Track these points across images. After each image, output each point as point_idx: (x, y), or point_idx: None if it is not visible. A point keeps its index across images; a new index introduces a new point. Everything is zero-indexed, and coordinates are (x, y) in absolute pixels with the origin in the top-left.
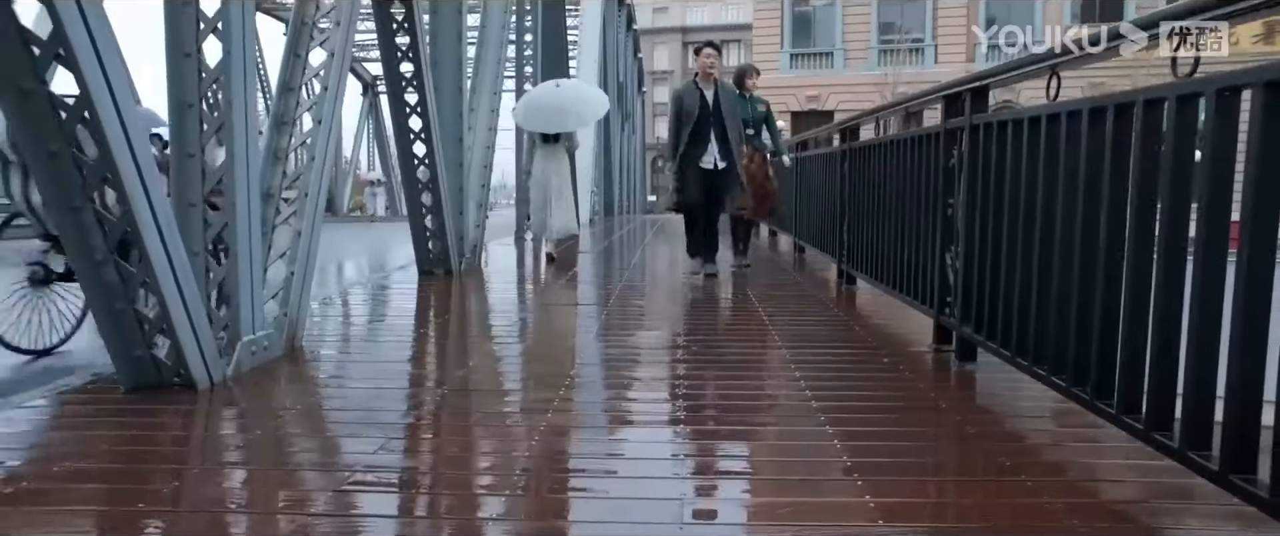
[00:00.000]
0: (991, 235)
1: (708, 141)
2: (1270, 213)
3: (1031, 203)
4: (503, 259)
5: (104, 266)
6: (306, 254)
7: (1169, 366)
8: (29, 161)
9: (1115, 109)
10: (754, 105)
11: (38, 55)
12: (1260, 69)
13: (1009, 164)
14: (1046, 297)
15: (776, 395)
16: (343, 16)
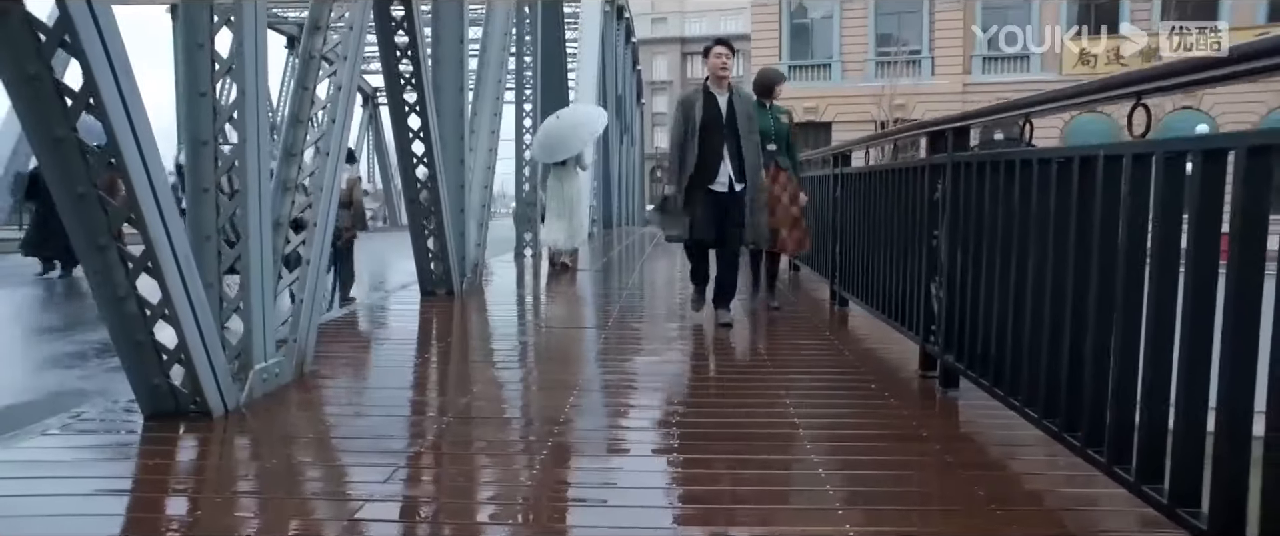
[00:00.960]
0: (971, 269)
1: (721, 159)
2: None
3: (1007, 240)
4: (503, 277)
5: (126, 301)
6: (314, 282)
7: (1128, 406)
8: (57, 204)
9: (1080, 161)
10: (775, 117)
11: (70, 105)
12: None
13: (987, 202)
14: (1021, 332)
15: (767, 423)
16: (350, 51)
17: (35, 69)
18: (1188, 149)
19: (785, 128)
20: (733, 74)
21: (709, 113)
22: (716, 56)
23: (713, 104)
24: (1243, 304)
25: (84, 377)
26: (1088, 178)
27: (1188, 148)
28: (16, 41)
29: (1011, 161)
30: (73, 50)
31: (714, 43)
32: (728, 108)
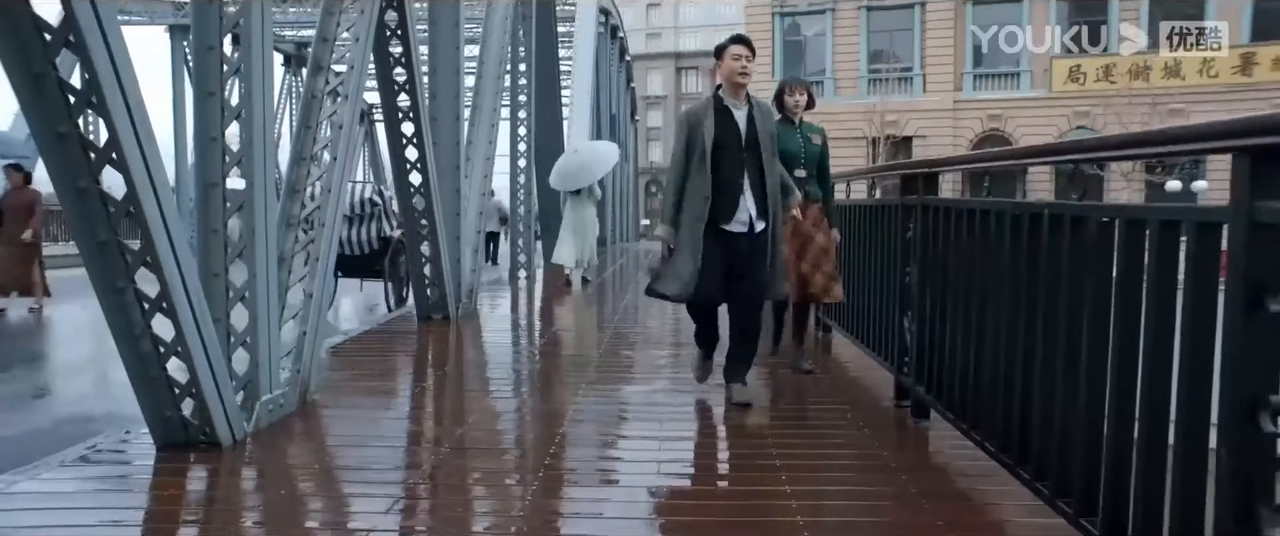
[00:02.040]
0: (939, 306)
1: (739, 191)
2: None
3: (970, 282)
4: (499, 301)
5: (142, 339)
6: (317, 314)
7: (1068, 444)
8: (81, 250)
9: (1030, 217)
10: (806, 136)
11: (93, 159)
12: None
13: (952, 245)
14: (981, 369)
15: (745, 454)
16: (350, 90)
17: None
18: (1113, 217)
19: (818, 150)
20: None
21: (723, 131)
22: (734, 57)
23: (728, 119)
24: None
25: None
26: (1036, 232)
27: (1113, 215)
28: (23, 40)
29: (973, 210)
30: (77, 50)
31: (730, 41)
32: (748, 124)
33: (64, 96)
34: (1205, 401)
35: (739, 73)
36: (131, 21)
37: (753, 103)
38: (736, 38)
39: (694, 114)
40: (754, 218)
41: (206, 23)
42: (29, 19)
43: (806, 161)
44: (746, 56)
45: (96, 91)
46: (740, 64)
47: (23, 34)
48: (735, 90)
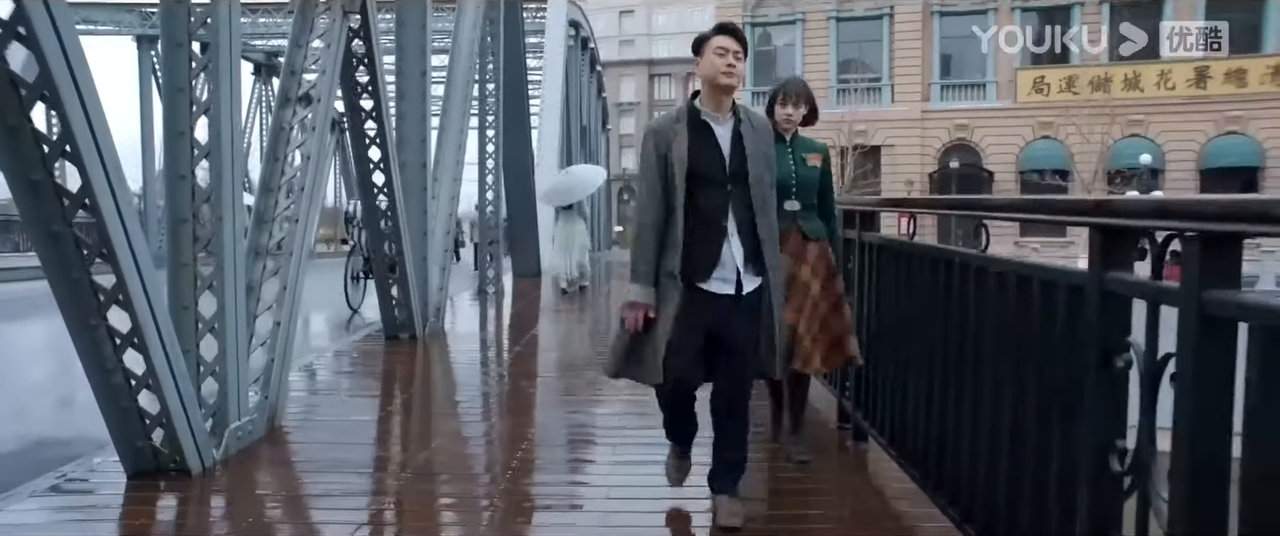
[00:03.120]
0: (875, 335)
1: (723, 237)
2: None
3: (898, 315)
4: (465, 319)
5: (113, 373)
6: (285, 341)
7: (974, 473)
8: (53, 288)
9: (945, 263)
10: (800, 157)
11: (67, 204)
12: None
13: (886, 279)
14: (907, 397)
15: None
16: (318, 122)
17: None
18: (1008, 270)
19: (816, 175)
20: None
21: (701, 153)
22: (719, 52)
23: (707, 138)
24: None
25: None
26: (950, 276)
27: (1007, 269)
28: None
29: (899, 250)
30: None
31: (714, 32)
32: (734, 144)
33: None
34: (1072, 442)
35: (724, 72)
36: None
37: (741, 114)
38: (723, 27)
39: (661, 130)
40: (743, 273)
41: (175, 21)
42: (52, 188)
43: (800, 190)
44: (735, 52)
45: (69, 141)
46: (726, 61)
47: (47, 201)
48: (718, 97)
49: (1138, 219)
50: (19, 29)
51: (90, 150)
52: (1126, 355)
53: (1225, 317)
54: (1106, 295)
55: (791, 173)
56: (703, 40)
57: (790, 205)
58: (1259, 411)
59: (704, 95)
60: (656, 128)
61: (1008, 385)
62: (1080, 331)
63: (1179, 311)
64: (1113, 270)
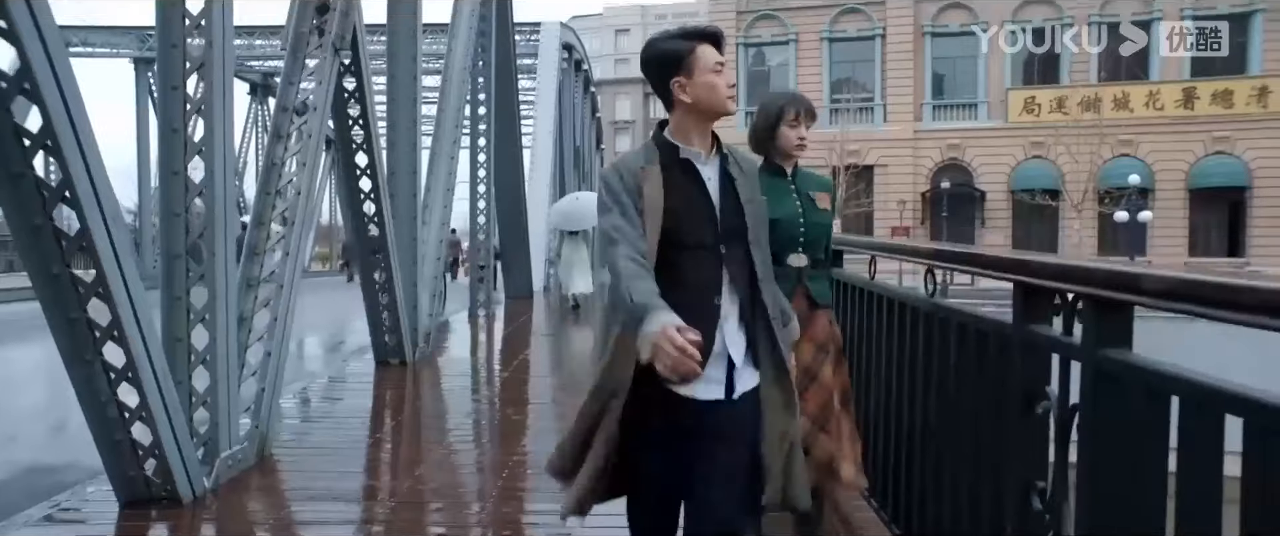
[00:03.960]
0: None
1: (714, 317)
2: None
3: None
4: (456, 343)
5: (107, 406)
6: (276, 371)
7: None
8: (51, 325)
9: (898, 304)
10: (806, 196)
11: (65, 246)
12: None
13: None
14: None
15: None
16: (309, 158)
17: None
18: (949, 318)
19: (829, 221)
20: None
21: (684, 205)
22: (716, 70)
23: (690, 184)
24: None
25: None
26: (903, 317)
27: (949, 316)
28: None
29: (859, 289)
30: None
31: (697, 39)
32: (723, 191)
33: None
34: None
35: (730, 96)
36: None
37: (725, 150)
38: (707, 33)
39: (626, 173)
40: (737, 367)
41: (172, 67)
42: (52, 232)
43: (808, 241)
44: (720, 66)
45: (69, 187)
46: (724, 80)
47: (44, 244)
48: (705, 128)
49: (1047, 279)
50: (24, 84)
51: (88, 197)
52: (1046, 402)
53: (1117, 374)
54: (1026, 346)
55: (799, 217)
56: (683, 54)
57: (795, 260)
58: (1149, 461)
59: (684, 125)
60: (620, 168)
61: (950, 422)
62: (1008, 378)
63: (1081, 366)
64: (1032, 323)
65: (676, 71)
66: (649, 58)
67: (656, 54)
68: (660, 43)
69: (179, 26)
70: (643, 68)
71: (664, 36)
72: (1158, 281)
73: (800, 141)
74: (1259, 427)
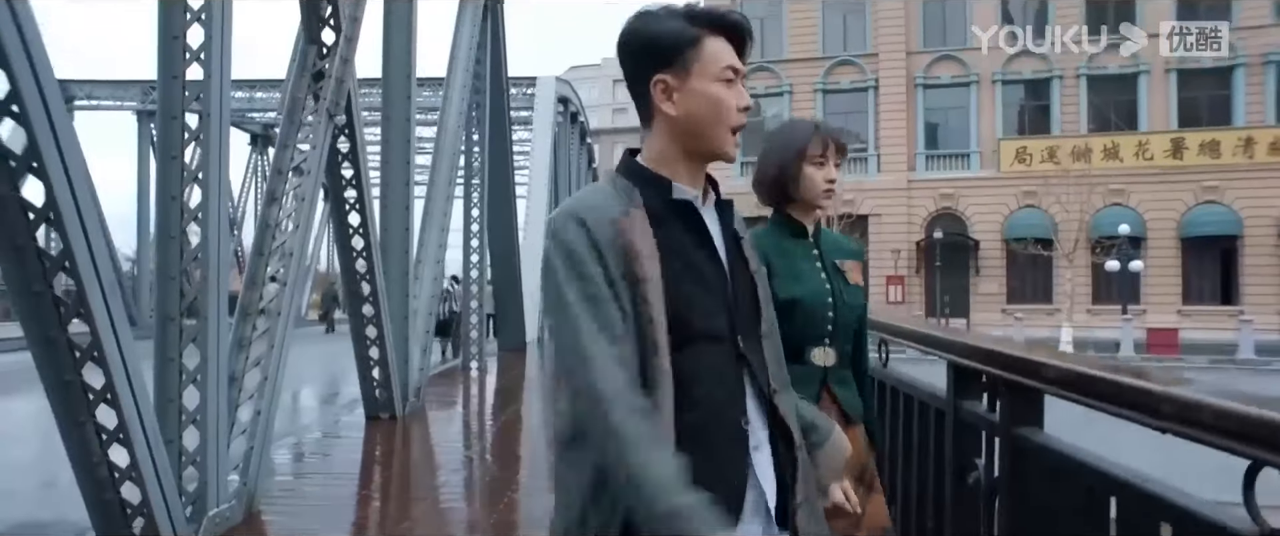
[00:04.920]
0: None
1: (743, 444)
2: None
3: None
4: (448, 396)
5: (98, 467)
6: (265, 430)
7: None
8: (46, 386)
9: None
10: (833, 268)
11: (63, 312)
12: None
13: None
14: None
15: None
16: (302, 220)
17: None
18: (903, 390)
19: (860, 301)
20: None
21: (689, 272)
22: (711, 70)
23: (691, 237)
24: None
25: None
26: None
27: (903, 389)
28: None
29: None
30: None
31: (709, 28)
32: (730, 254)
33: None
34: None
35: (731, 115)
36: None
37: (724, 196)
38: (720, 19)
39: (595, 224)
40: (771, 513)
41: (170, 177)
42: (52, 299)
43: (838, 330)
44: (739, 69)
45: (69, 257)
46: (737, 96)
47: (43, 306)
48: (694, 162)
49: (972, 360)
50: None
51: (87, 267)
52: (976, 473)
53: (1029, 452)
54: (958, 420)
55: (827, 296)
56: (682, 42)
57: (821, 356)
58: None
59: (668, 154)
60: (579, 219)
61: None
62: (945, 450)
63: (998, 442)
64: (963, 399)
65: (664, 65)
66: (629, 39)
67: (641, 36)
68: (649, 20)
69: (179, 98)
70: (619, 51)
71: (661, 10)
72: (1056, 371)
73: (829, 186)
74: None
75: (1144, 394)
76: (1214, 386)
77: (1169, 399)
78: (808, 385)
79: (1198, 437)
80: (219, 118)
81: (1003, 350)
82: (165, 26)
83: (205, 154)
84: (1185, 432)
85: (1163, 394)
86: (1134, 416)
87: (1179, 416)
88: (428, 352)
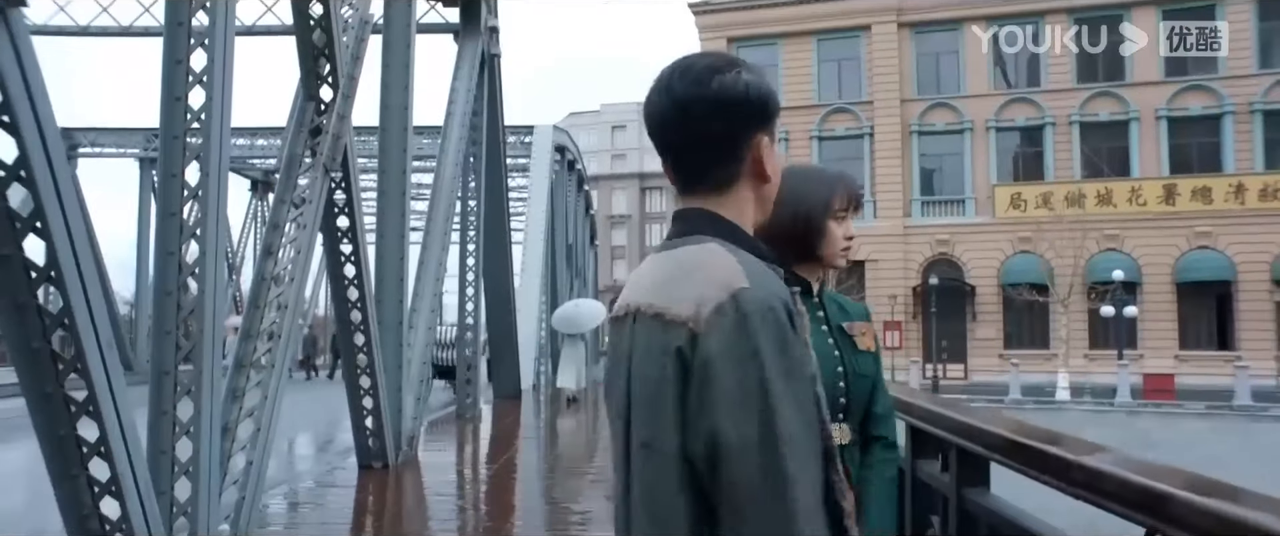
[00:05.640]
0: None
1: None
2: None
3: None
4: (442, 445)
5: (89, 519)
6: (257, 480)
7: None
8: (41, 441)
9: None
10: (844, 335)
11: (61, 368)
12: None
13: None
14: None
15: None
16: (297, 273)
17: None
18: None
19: (871, 370)
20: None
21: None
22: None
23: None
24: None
25: None
26: None
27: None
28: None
29: None
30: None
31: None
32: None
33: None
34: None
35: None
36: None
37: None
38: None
39: (793, 312)
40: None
41: (168, 273)
42: (50, 357)
43: (852, 403)
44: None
45: (68, 315)
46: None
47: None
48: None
49: (924, 422)
50: (36, 223)
51: (87, 327)
52: (932, 530)
53: (976, 514)
54: (916, 480)
55: (837, 365)
56: (775, 108)
57: (837, 434)
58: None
59: (753, 220)
60: (785, 301)
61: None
62: (906, 507)
63: (947, 502)
64: (919, 459)
65: (764, 124)
66: (743, 90)
67: (758, 89)
68: (736, 74)
69: (177, 196)
70: (718, 101)
71: (731, 62)
72: (990, 436)
73: (848, 243)
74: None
75: (1059, 461)
76: (1121, 456)
77: (1080, 467)
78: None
79: (1102, 504)
80: (217, 177)
81: (951, 414)
82: (168, 88)
83: (204, 212)
84: (1093, 499)
85: (1074, 462)
86: (1053, 482)
87: (1087, 484)
88: (422, 401)
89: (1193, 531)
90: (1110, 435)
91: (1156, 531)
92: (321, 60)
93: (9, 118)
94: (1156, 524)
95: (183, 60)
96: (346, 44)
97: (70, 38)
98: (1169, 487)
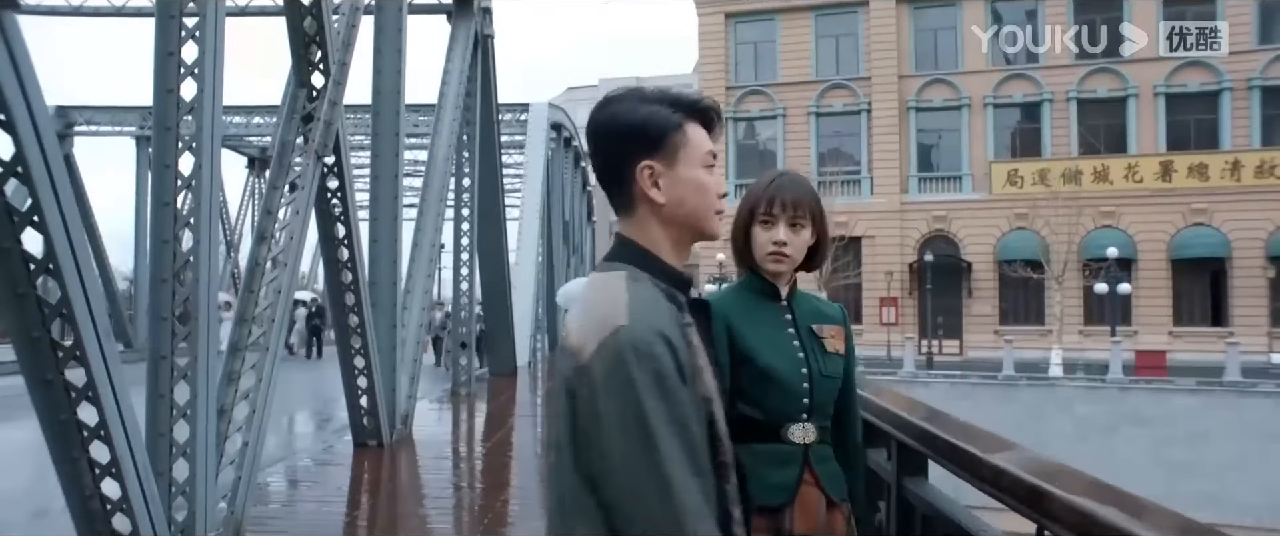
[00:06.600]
0: None
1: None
2: None
3: None
4: (436, 423)
5: (91, 500)
6: (252, 460)
7: None
8: (41, 425)
9: None
10: (810, 334)
11: (61, 356)
12: None
13: None
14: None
15: None
16: (290, 259)
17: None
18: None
19: (838, 371)
20: None
21: (718, 383)
22: (695, 156)
23: (708, 333)
24: None
25: None
26: None
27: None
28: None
29: None
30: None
31: (689, 111)
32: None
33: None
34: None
35: (714, 200)
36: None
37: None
38: (697, 105)
39: (675, 337)
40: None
41: (163, 262)
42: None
43: (816, 403)
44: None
45: (67, 305)
46: (717, 181)
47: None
48: (682, 249)
49: (875, 417)
50: (33, 217)
51: (84, 316)
52: (879, 515)
53: (912, 502)
54: (869, 471)
55: (801, 366)
56: (667, 128)
57: (799, 433)
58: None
59: (659, 244)
60: (661, 334)
61: None
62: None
63: (891, 490)
64: (870, 448)
65: (650, 152)
66: (608, 124)
67: (623, 121)
68: (629, 105)
69: (171, 186)
70: (593, 137)
71: (635, 95)
72: (919, 431)
73: (775, 250)
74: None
75: (971, 458)
76: (1022, 455)
77: (987, 464)
78: (788, 465)
79: (1002, 500)
80: (210, 168)
81: (891, 408)
82: (160, 81)
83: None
84: (996, 494)
85: (983, 459)
86: (968, 478)
87: (992, 480)
88: (416, 380)
89: (1068, 527)
90: (1100, 411)
91: (1044, 527)
92: (313, 47)
93: (5, 116)
94: (1042, 519)
95: (174, 52)
96: (338, 30)
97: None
98: (1050, 486)
